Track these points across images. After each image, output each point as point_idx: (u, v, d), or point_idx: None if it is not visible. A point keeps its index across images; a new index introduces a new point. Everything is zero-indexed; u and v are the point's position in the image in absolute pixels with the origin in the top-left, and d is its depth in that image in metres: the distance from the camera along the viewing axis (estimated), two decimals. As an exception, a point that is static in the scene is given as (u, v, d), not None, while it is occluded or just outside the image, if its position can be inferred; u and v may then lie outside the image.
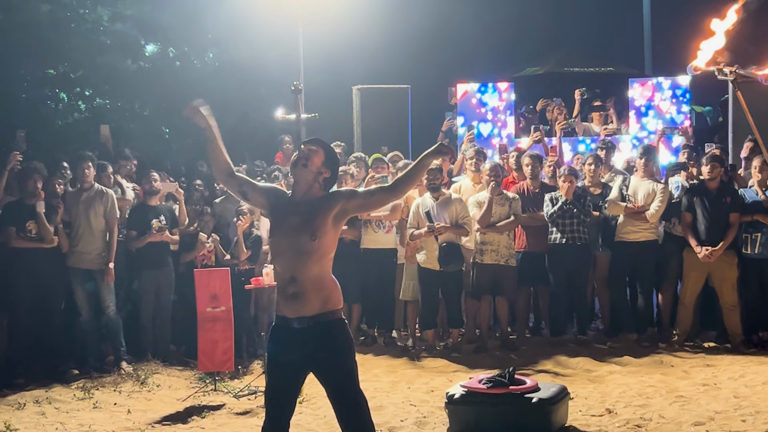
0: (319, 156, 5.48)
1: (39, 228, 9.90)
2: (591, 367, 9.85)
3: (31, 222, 9.87)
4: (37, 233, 9.92)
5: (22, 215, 9.88)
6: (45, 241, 9.95)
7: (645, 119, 13.95)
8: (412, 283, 11.10)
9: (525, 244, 11.18)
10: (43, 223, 9.87)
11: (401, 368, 10.19)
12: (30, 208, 9.87)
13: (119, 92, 18.65)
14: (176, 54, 19.62)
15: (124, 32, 18.26)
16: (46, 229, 9.91)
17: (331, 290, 5.37)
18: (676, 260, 10.87)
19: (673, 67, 16.13)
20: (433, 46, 20.80)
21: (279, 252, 5.38)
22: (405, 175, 5.50)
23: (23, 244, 9.89)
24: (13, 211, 9.96)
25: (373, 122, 13.74)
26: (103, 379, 9.81)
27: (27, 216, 9.87)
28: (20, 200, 10.02)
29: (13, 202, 10.10)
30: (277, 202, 5.51)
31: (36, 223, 9.88)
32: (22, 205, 9.93)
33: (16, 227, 9.86)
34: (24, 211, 9.89)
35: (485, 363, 10.13)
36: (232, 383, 9.66)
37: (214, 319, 9.50)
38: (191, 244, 11.05)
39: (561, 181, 10.86)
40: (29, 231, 9.90)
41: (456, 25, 21.20)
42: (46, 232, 9.91)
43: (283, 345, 5.35)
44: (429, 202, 10.65)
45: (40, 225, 9.88)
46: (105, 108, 18.34)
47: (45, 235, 9.92)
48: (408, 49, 20.27)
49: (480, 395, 7.30)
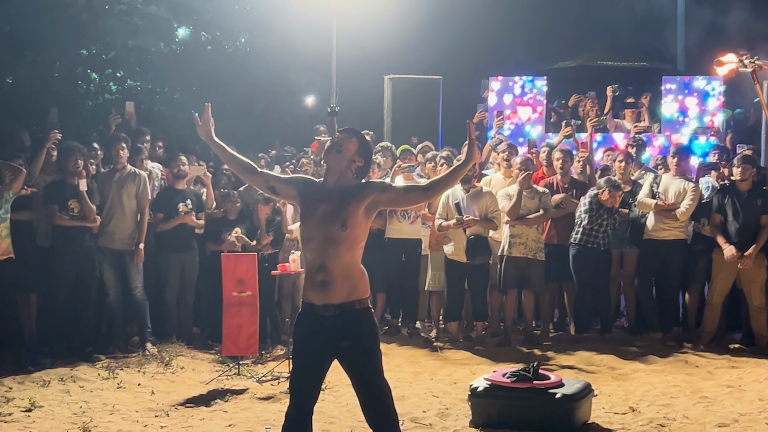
0: (353, 144, 5.51)
1: (82, 207, 9.98)
2: (615, 365, 9.84)
3: (73, 201, 9.96)
4: (79, 212, 10.00)
5: (65, 194, 9.97)
6: (87, 220, 10.05)
7: (677, 117, 13.87)
8: (438, 274, 11.13)
9: (555, 236, 11.16)
10: (86, 202, 9.97)
11: (424, 359, 10.22)
12: (72, 187, 9.95)
13: (150, 75, 18.69)
14: (208, 38, 19.62)
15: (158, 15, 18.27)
16: (89, 208, 10.00)
17: (359, 279, 5.39)
18: (704, 260, 10.82)
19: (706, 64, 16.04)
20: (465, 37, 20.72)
21: (309, 239, 5.40)
22: (440, 180, 5.60)
23: (66, 222, 9.97)
24: (55, 190, 10.04)
25: (403, 112, 13.73)
26: (127, 360, 9.91)
27: (70, 195, 9.96)
28: (62, 179, 10.09)
29: (55, 181, 10.18)
30: (306, 190, 5.53)
31: (78, 201, 9.97)
32: (65, 184, 10.01)
33: (59, 206, 9.94)
34: (67, 190, 9.98)
35: (509, 357, 10.15)
36: (255, 368, 9.73)
37: (240, 304, 9.56)
38: (217, 232, 11.04)
39: (607, 193, 10.67)
40: (71, 209, 9.98)
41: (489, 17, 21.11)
42: (88, 211, 10.01)
43: (309, 332, 5.39)
44: (459, 194, 10.64)
45: (82, 204, 9.97)
46: (135, 90, 18.39)
47: (88, 214, 10.01)
48: (441, 40, 20.20)
49: (504, 389, 7.32)
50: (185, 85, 18.84)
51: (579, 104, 14.53)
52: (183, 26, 19.14)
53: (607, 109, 14.29)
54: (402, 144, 12.37)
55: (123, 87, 18.33)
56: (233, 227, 10.80)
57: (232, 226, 10.86)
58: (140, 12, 17.73)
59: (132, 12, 17.65)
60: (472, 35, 20.90)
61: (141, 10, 17.73)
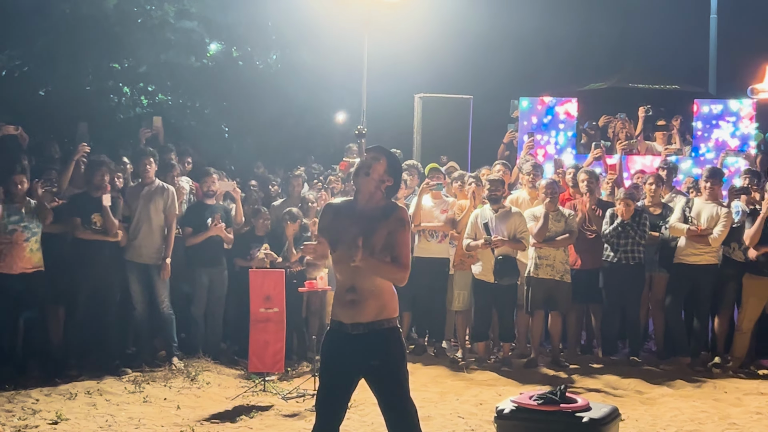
0: (381, 164, 5.52)
1: (104, 221, 10.02)
2: (642, 389, 9.80)
3: (96, 214, 10.00)
4: (101, 226, 10.04)
5: (88, 207, 10.01)
6: (109, 234, 10.08)
7: (708, 141, 13.81)
8: (463, 294, 11.12)
9: (579, 261, 11.14)
10: (109, 216, 9.99)
11: (450, 379, 10.21)
12: (96, 201, 9.99)
13: (181, 89, 18.84)
14: (239, 54, 19.79)
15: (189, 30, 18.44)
16: (111, 222, 10.03)
17: (389, 299, 5.43)
18: (734, 285, 10.76)
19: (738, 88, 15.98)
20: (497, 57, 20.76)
21: (340, 261, 5.43)
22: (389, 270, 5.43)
23: (87, 236, 10.02)
24: (79, 202, 10.09)
25: (433, 131, 13.74)
26: (154, 374, 9.94)
27: (93, 208, 10.00)
28: (86, 192, 10.15)
29: (79, 194, 10.24)
30: (335, 220, 5.55)
31: (101, 215, 10.01)
32: (88, 198, 10.05)
33: (82, 219, 10.00)
34: (90, 203, 10.02)
35: (535, 378, 10.12)
36: (281, 384, 9.74)
37: (267, 320, 9.58)
38: (245, 248, 11.09)
39: (619, 202, 10.81)
40: (94, 223, 10.03)
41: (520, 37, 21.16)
42: (110, 225, 10.04)
43: (337, 350, 5.42)
44: (488, 214, 10.63)
45: (105, 218, 10.00)
46: (166, 104, 18.55)
47: (109, 228, 10.04)
48: (472, 60, 20.26)
49: (530, 411, 7.27)
50: (216, 100, 18.98)
51: (609, 125, 14.51)
52: (215, 41, 19.32)
53: (639, 130, 14.22)
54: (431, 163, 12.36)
55: (154, 101, 18.48)
56: (261, 243, 10.84)
57: (261, 242, 10.90)
58: (172, 27, 17.92)
59: (164, 26, 17.85)
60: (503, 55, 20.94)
61: (173, 24, 17.92)
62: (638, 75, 18.91)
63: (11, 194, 9.59)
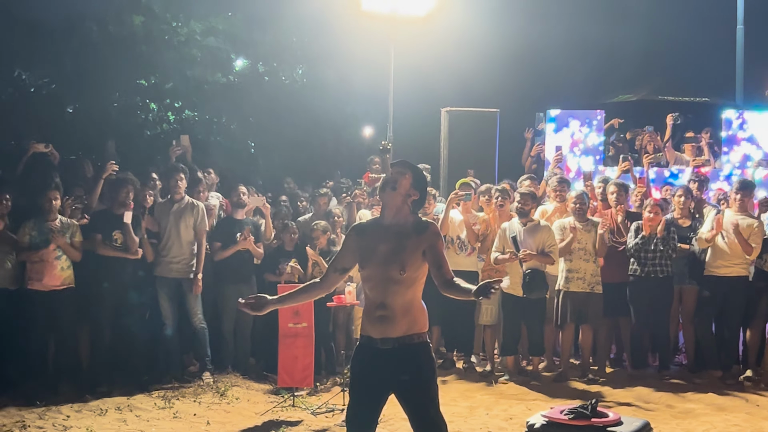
0: (407, 179, 5.55)
1: (125, 238, 10.10)
2: (674, 403, 9.76)
3: (117, 231, 10.07)
4: (122, 243, 10.13)
5: (110, 224, 10.09)
6: (129, 252, 10.13)
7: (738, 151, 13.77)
8: (490, 308, 11.11)
9: (608, 273, 11.09)
10: (129, 234, 10.06)
11: (479, 393, 10.22)
12: (117, 218, 10.06)
13: (207, 105, 18.94)
14: (265, 69, 19.88)
15: (215, 46, 18.56)
16: (131, 240, 10.09)
17: (419, 314, 5.45)
18: (766, 298, 10.73)
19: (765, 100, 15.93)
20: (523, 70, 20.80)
21: (369, 278, 5.46)
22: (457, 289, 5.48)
23: (108, 252, 10.09)
24: (101, 219, 10.18)
25: (460, 145, 13.72)
26: (183, 390, 10.00)
27: (114, 225, 10.07)
28: (109, 209, 10.24)
29: (101, 210, 10.35)
30: (362, 238, 5.58)
31: (122, 233, 10.09)
32: (110, 215, 10.13)
33: (103, 235, 10.08)
34: (112, 220, 10.09)
35: (565, 393, 10.11)
36: (309, 400, 9.77)
37: (296, 335, 9.64)
38: (274, 263, 11.12)
39: (645, 215, 10.78)
40: (115, 240, 10.10)
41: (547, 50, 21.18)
42: (131, 243, 10.09)
43: (367, 364, 5.44)
44: (517, 227, 10.62)
45: (126, 235, 10.07)
46: (193, 120, 18.64)
47: (130, 246, 10.10)
48: (498, 73, 20.25)
49: (561, 426, 7.27)
50: (242, 116, 19.06)
51: (636, 138, 14.49)
52: (240, 57, 19.43)
53: (667, 137, 14.18)
54: (459, 177, 12.34)
55: (180, 117, 18.58)
56: (290, 258, 10.89)
57: (289, 257, 10.95)
58: (198, 43, 18.06)
59: (190, 43, 17.99)
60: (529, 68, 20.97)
61: (199, 41, 18.06)
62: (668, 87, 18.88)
63: (44, 211, 9.70)
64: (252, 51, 19.40)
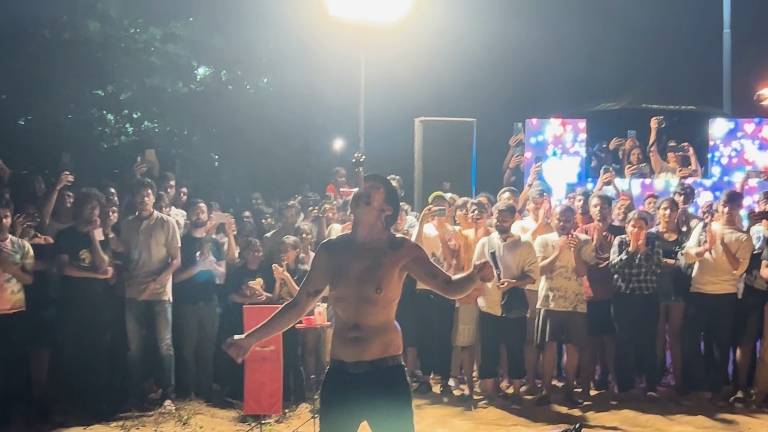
0: (380, 193, 5.55)
1: (93, 257, 9.96)
2: (662, 426, 9.77)
3: (84, 251, 9.95)
4: (90, 263, 10.00)
5: (76, 243, 9.95)
6: (98, 271, 10.00)
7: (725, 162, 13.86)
8: (468, 328, 11.09)
9: (590, 292, 11.09)
10: (98, 252, 9.94)
11: (457, 419, 10.18)
12: (84, 236, 9.93)
13: (168, 116, 18.84)
14: (229, 78, 19.85)
15: (176, 54, 18.52)
16: (100, 259, 9.95)
17: (394, 335, 5.44)
18: (756, 315, 10.74)
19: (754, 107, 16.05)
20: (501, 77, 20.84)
21: (342, 298, 5.44)
22: (460, 282, 5.54)
23: (76, 273, 9.94)
24: (66, 238, 10.01)
25: (435, 156, 13.70)
26: (144, 419, 9.87)
27: (81, 244, 9.94)
28: (74, 227, 10.09)
29: (67, 229, 10.17)
30: (333, 256, 5.56)
31: (89, 251, 9.96)
32: (76, 233, 9.99)
33: (69, 255, 9.94)
34: (78, 238, 9.96)
35: (548, 417, 10.10)
36: (278, 427, 9.70)
37: (263, 359, 9.57)
38: (238, 283, 11.04)
39: (629, 230, 10.80)
40: (82, 260, 9.97)
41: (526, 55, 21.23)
42: (100, 262, 9.95)
43: (338, 390, 5.41)
44: (496, 243, 10.61)
45: (94, 254, 9.94)
46: (153, 132, 18.57)
47: (99, 265, 9.96)
48: (475, 81, 20.30)
49: (543, 452, 7.30)
50: (205, 127, 18.98)
51: (619, 148, 14.54)
52: (203, 65, 19.39)
53: (652, 141, 14.20)
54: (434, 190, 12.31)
55: (139, 129, 18.51)
56: (254, 277, 10.83)
57: (254, 276, 10.89)
58: (158, 50, 17.99)
59: (149, 51, 17.91)
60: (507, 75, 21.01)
61: (159, 48, 18.00)
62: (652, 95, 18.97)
63: (-8, 230, 9.53)
64: (214, 58, 19.37)
